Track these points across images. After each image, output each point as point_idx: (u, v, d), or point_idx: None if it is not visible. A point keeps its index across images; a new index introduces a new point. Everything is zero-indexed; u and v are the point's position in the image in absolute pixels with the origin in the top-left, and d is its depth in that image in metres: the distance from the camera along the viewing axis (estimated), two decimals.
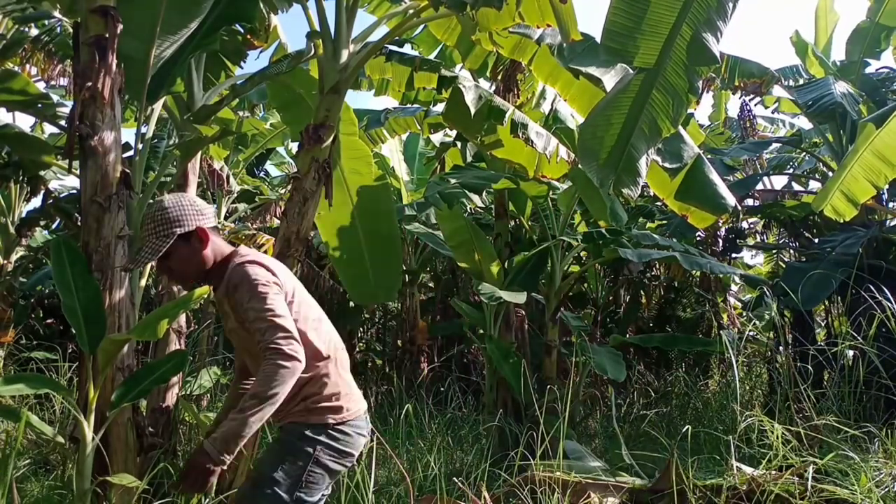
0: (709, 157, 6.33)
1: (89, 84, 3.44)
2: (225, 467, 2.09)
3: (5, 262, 7.48)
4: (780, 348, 6.08)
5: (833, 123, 7.44)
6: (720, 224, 8.43)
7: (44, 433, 3.21)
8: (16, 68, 5.40)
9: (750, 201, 8.78)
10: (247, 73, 5.31)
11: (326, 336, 2.41)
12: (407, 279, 8.59)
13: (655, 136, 3.74)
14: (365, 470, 3.23)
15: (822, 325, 8.32)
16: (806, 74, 8.33)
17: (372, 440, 3.25)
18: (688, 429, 3.58)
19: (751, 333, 7.51)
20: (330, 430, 2.30)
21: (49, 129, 8.01)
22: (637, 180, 3.86)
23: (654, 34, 3.52)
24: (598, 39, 3.70)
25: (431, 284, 10.38)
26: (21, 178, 5.18)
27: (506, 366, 5.59)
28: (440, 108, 6.44)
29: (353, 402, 2.39)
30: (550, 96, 6.62)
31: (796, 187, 9.81)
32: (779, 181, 10.75)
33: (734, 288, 10.46)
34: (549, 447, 3.60)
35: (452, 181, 5.52)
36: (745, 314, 9.06)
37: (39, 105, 4.34)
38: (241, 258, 2.31)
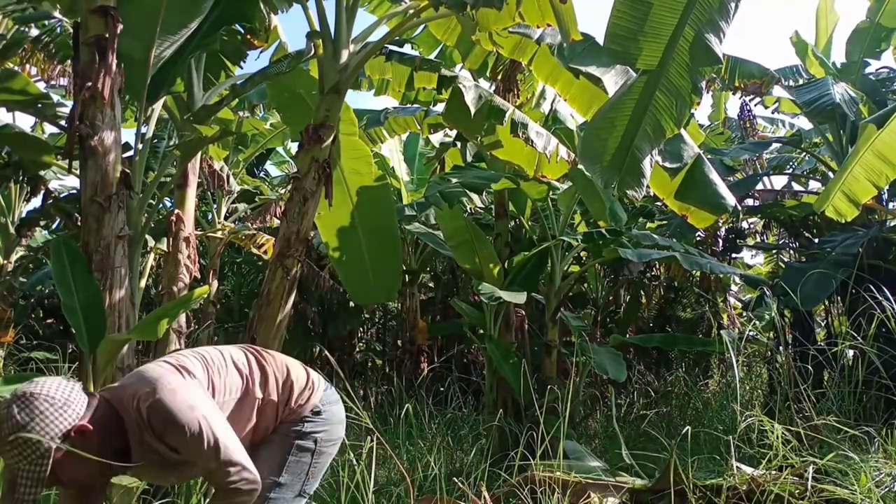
0: (709, 157, 6.33)
1: (89, 84, 3.44)
2: None
3: (5, 262, 7.48)
4: (780, 348, 6.07)
5: (833, 124, 7.44)
6: (720, 224, 8.43)
7: None
8: (16, 68, 5.40)
9: (750, 201, 8.77)
10: (247, 73, 5.31)
11: (233, 363, 2.16)
12: (407, 279, 8.58)
13: (659, 137, 3.75)
14: (365, 470, 3.23)
15: (822, 325, 8.32)
16: (806, 75, 8.33)
17: (372, 440, 3.25)
18: (688, 429, 3.57)
19: (751, 333, 7.50)
20: (319, 414, 2.26)
21: (49, 129, 8.00)
22: (641, 181, 3.86)
23: (656, 36, 3.52)
24: (599, 40, 3.71)
25: (431, 284, 10.38)
26: (21, 178, 5.18)
27: (506, 366, 5.59)
28: (440, 108, 6.44)
29: (314, 376, 2.33)
30: (550, 96, 6.62)
31: (796, 187, 9.81)
32: (779, 181, 10.74)
33: (734, 288, 10.45)
34: (549, 447, 3.60)
35: (452, 181, 5.52)
36: (745, 314, 9.05)
37: (39, 105, 4.34)
38: (145, 394, 1.85)
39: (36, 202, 8.64)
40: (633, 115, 3.71)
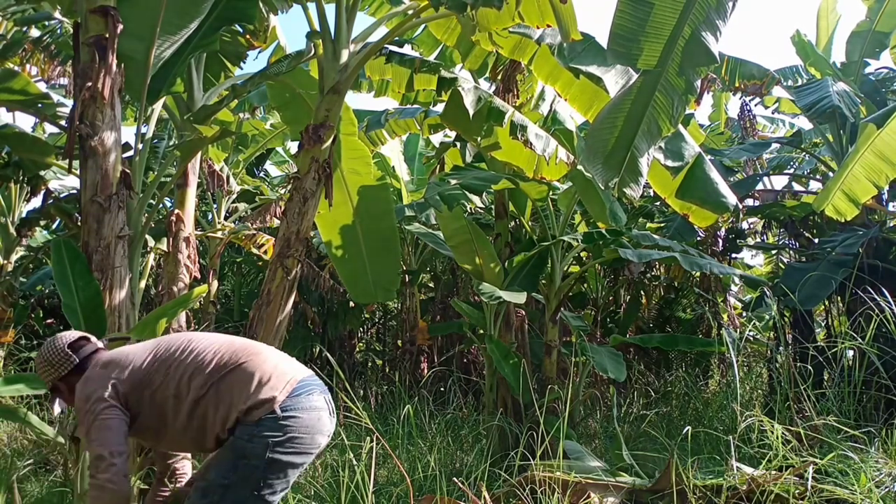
0: (709, 157, 6.33)
1: (89, 84, 3.44)
2: None
3: (5, 262, 7.48)
4: (780, 348, 6.08)
5: (833, 124, 7.45)
6: (720, 224, 8.43)
7: (44, 433, 3.21)
8: (16, 68, 5.41)
9: (750, 201, 8.77)
10: (246, 73, 5.32)
11: (215, 355, 2.35)
12: (407, 279, 8.59)
13: (656, 135, 3.76)
14: (364, 470, 3.23)
15: (822, 325, 8.32)
16: (806, 74, 8.33)
17: (372, 440, 3.26)
18: (688, 429, 3.58)
19: (751, 333, 7.51)
20: (276, 419, 2.22)
21: (49, 129, 8.01)
22: (639, 180, 3.88)
23: (657, 36, 3.53)
24: (599, 40, 3.72)
25: (431, 284, 10.38)
26: (21, 178, 5.18)
27: (506, 366, 5.58)
28: (440, 108, 6.44)
29: (279, 379, 2.30)
30: (549, 97, 6.62)
31: (796, 187, 9.81)
32: (779, 181, 10.75)
33: (734, 288, 10.45)
34: (549, 447, 3.60)
35: (452, 182, 5.52)
36: (745, 314, 9.05)
37: (40, 105, 4.35)
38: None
39: (36, 202, 8.66)
40: (633, 114, 3.72)
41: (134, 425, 2.32)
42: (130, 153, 4.32)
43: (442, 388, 7.17)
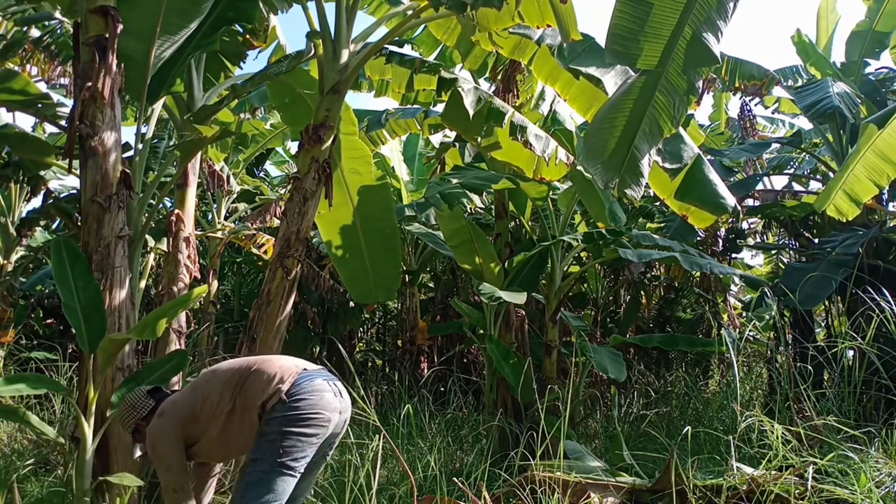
0: (709, 158, 6.33)
1: (89, 84, 3.44)
2: None
3: (5, 262, 7.48)
4: (780, 348, 6.07)
5: (833, 124, 7.44)
6: (720, 224, 8.43)
7: (44, 433, 3.21)
8: (16, 68, 5.40)
9: (750, 201, 8.77)
10: (246, 73, 5.32)
11: (222, 376, 2.82)
12: (407, 279, 8.59)
13: (657, 136, 3.75)
14: (370, 469, 3.24)
15: (822, 325, 8.32)
16: (806, 75, 8.33)
17: (375, 438, 3.26)
18: (688, 429, 3.57)
19: (751, 333, 7.50)
20: (285, 403, 2.65)
21: (49, 129, 8.01)
22: (640, 181, 3.87)
23: (656, 36, 3.51)
24: (599, 40, 3.71)
25: (431, 284, 10.38)
26: (21, 178, 5.18)
27: (506, 366, 5.58)
28: (440, 108, 6.44)
29: (284, 373, 2.72)
30: (549, 97, 6.62)
31: (796, 187, 9.81)
32: (779, 181, 10.75)
33: (734, 288, 10.45)
34: (549, 447, 3.60)
35: (452, 182, 5.52)
36: (745, 314, 9.05)
37: (40, 105, 4.35)
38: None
39: (36, 202, 8.67)
40: (633, 114, 3.71)
41: (194, 450, 2.82)
42: (130, 153, 4.33)
43: (442, 388, 7.17)
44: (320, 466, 2.95)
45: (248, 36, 4.78)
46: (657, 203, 7.71)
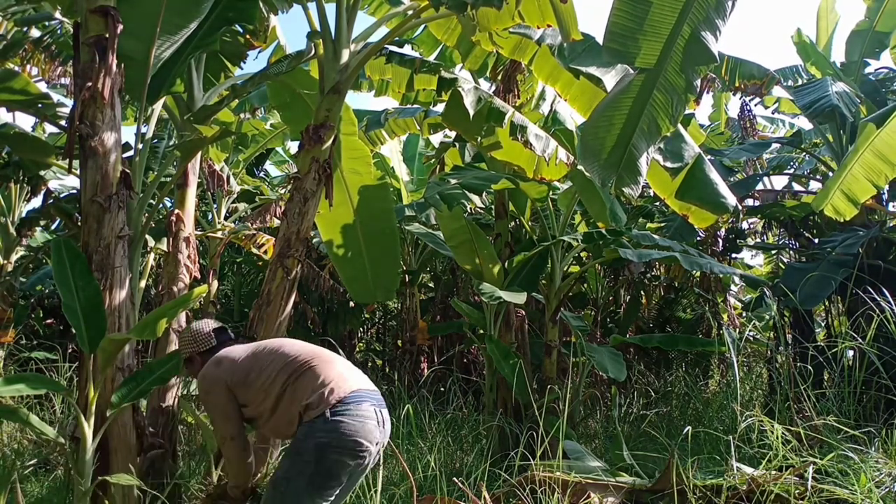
0: (709, 157, 6.32)
1: (89, 84, 3.44)
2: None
3: (5, 262, 7.48)
4: (780, 348, 6.08)
5: (833, 124, 7.44)
6: (720, 224, 8.43)
7: (44, 433, 3.21)
8: (17, 68, 5.40)
9: (750, 201, 8.77)
10: (247, 73, 5.31)
11: (285, 360, 2.76)
12: (407, 279, 8.59)
13: (655, 134, 3.75)
14: (371, 470, 3.23)
15: (822, 325, 8.32)
16: (806, 74, 8.33)
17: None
18: (688, 429, 3.58)
19: (751, 333, 7.50)
20: (326, 421, 2.56)
21: (49, 129, 8.01)
22: (638, 179, 3.86)
23: (655, 35, 3.51)
24: (599, 40, 3.70)
25: (431, 284, 10.38)
26: (21, 178, 5.18)
27: (506, 366, 5.58)
28: (440, 108, 6.43)
29: (337, 386, 2.65)
30: (550, 97, 6.62)
31: (796, 187, 9.81)
32: (779, 181, 10.74)
33: (734, 288, 10.45)
34: (549, 447, 3.60)
35: (452, 181, 5.51)
36: (745, 314, 9.05)
37: (40, 105, 4.35)
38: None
39: (36, 202, 8.66)
40: (631, 113, 3.71)
41: (244, 412, 2.80)
42: (130, 153, 4.32)
43: (442, 388, 7.17)
44: (348, 493, 2.85)
45: (248, 36, 4.77)
46: (657, 203, 7.71)
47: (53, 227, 8.86)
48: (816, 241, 7.92)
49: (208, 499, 3.20)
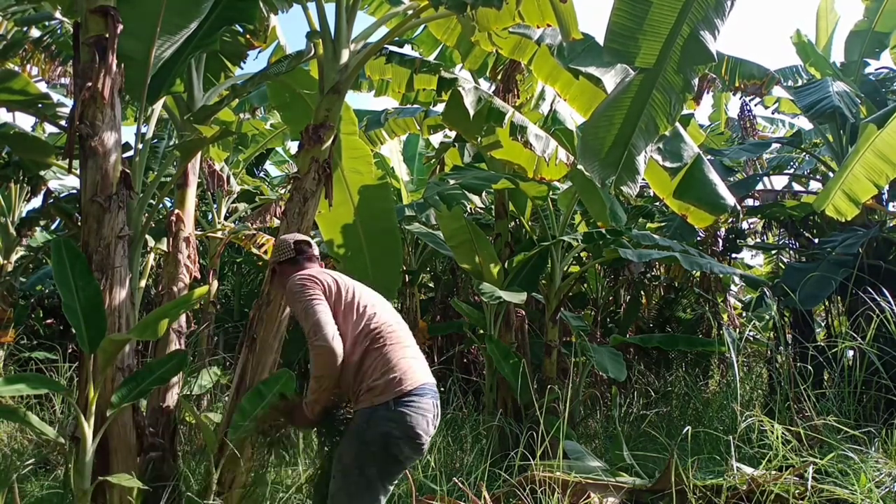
0: (709, 157, 6.32)
1: (89, 84, 3.44)
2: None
3: (5, 262, 7.48)
4: (780, 348, 6.07)
5: (833, 124, 7.45)
6: (720, 224, 8.43)
7: (44, 433, 3.21)
8: (17, 68, 5.40)
9: (750, 201, 8.77)
10: (247, 73, 5.31)
11: (370, 320, 2.74)
12: (407, 279, 8.58)
13: (654, 133, 3.76)
14: None
15: (822, 325, 8.32)
16: (806, 74, 8.34)
17: None
18: (688, 429, 3.58)
19: (751, 333, 7.50)
20: (389, 409, 2.55)
21: (49, 129, 8.01)
22: (636, 178, 3.87)
23: (654, 34, 3.52)
24: (599, 39, 3.70)
25: (431, 284, 10.37)
26: (21, 178, 5.18)
27: (506, 366, 5.58)
28: (440, 108, 6.43)
29: (407, 376, 2.63)
30: (549, 97, 6.62)
31: (796, 187, 9.81)
32: (779, 181, 10.75)
33: (734, 288, 10.45)
34: (549, 447, 3.60)
35: (452, 182, 5.51)
36: (745, 314, 9.05)
37: (40, 105, 4.35)
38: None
39: (36, 202, 8.67)
40: (631, 112, 3.71)
41: None
42: (130, 153, 4.32)
43: (442, 388, 7.15)
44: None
45: (248, 36, 4.77)
46: (657, 203, 7.71)
47: (53, 227, 8.87)
48: (816, 241, 7.92)
49: (274, 412, 2.98)
